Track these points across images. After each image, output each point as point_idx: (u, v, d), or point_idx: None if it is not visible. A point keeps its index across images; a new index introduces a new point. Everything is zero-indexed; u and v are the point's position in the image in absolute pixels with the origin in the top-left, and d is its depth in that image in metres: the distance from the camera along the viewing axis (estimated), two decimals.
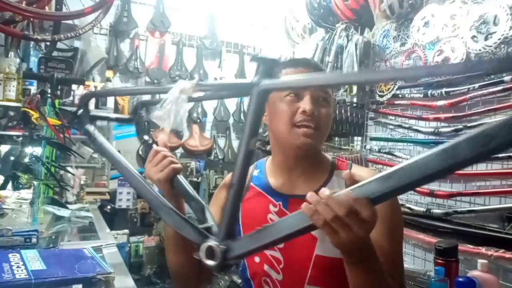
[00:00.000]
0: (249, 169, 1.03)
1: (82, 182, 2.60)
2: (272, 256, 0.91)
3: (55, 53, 2.99)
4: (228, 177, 1.09)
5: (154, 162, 0.89)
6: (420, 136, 1.98)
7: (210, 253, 0.68)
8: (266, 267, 0.91)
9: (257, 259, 0.93)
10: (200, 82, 0.82)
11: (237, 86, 0.89)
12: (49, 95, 2.02)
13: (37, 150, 1.94)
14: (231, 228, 0.70)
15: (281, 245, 0.90)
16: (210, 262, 0.67)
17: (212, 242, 0.68)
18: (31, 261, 0.97)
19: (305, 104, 0.87)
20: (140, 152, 3.47)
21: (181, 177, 0.92)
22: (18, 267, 0.91)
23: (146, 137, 1.05)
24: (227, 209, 0.70)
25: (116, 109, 3.36)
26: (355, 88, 2.32)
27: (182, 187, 0.90)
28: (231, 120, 3.79)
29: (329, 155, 1.02)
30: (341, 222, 0.57)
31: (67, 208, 2.12)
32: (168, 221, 0.82)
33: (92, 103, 3.16)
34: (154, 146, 0.96)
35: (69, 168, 2.40)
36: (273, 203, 0.94)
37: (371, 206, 0.56)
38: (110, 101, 3.24)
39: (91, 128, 1.05)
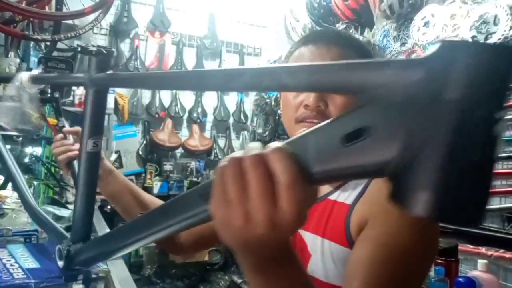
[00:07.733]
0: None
1: None
2: None
3: (55, 53, 2.99)
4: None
5: (53, 148, 1.08)
6: None
7: (60, 256, 0.61)
8: None
9: None
10: (37, 75, 0.80)
11: (71, 82, 0.87)
12: (49, 95, 2.02)
13: (37, 150, 1.94)
14: (85, 229, 0.63)
15: None
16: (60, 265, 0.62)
17: (63, 245, 0.62)
18: (22, 258, 0.96)
19: (308, 96, 0.70)
20: (140, 152, 3.48)
21: (75, 164, 0.99)
22: (11, 265, 0.91)
23: (60, 122, 1.11)
24: (79, 210, 0.63)
25: (116, 109, 3.36)
26: None
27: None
28: (231, 120, 3.79)
29: None
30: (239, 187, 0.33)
31: (67, 208, 2.11)
32: (34, 220, 0.88)
33: None
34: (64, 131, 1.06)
35: None
36: None
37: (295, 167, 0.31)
38: (110, 100, 3.23)
39: None
